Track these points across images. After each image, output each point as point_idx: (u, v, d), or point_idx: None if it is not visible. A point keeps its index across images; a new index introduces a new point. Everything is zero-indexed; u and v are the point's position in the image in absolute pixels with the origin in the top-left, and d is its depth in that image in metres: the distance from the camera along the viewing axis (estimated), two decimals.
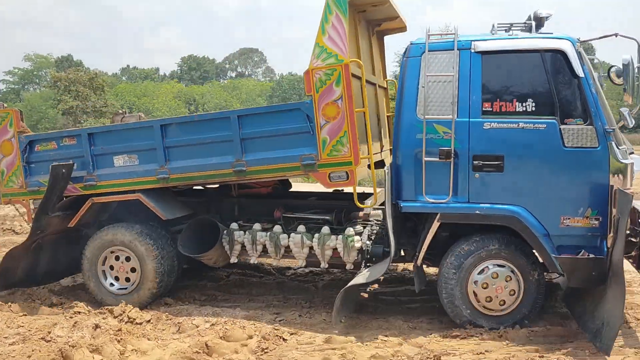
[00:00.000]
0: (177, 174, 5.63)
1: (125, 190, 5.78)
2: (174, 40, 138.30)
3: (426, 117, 4.91)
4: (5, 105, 6.35)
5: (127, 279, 5.89)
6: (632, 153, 5.03)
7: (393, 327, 5.16)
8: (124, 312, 5.37)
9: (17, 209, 6.57)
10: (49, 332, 4.94)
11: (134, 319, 5.27)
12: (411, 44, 5.15)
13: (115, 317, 5.30)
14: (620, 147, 4.78)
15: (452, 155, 4.86)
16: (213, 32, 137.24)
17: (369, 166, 5.33)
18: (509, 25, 5.25)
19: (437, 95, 4.94)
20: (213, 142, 5.53)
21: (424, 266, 5.49)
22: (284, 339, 4.89)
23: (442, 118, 4.90)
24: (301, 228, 5.68)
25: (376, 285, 6.59)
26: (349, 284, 5.11)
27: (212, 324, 5.14)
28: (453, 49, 4.88)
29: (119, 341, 4.74)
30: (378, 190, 5.40)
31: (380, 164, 6.05)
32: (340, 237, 5.48)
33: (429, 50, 4.92)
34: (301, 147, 5.27)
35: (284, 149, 5.33)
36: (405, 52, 5.21)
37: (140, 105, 47.02)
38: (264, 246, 5.75)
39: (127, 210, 6.06)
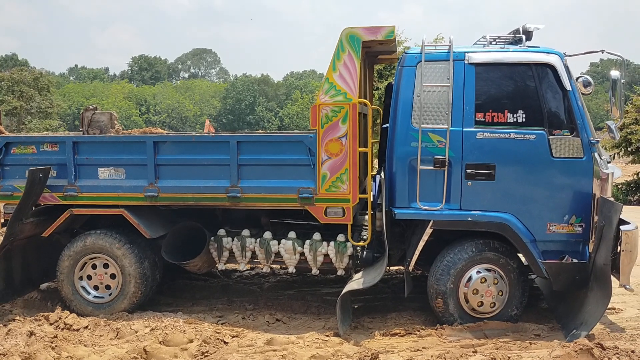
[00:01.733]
0: (167, 193, 5.47)
1: (109, 205, 5.59)
2: (125, 40, 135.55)
3: (422, 126, 5.01)
4: None
5: (108, 287, 5.71)
6: (610, 162, 5.29)
7: (335, 327, 5.20)
8: (60, 318, 5.23)
9: None
10: None
11: (71, 325, 5.14)
12: (406, 53, 5.26)
13: (51, 324, 5.16)
14: (602, 158, 5.02)
15: (446, 163, 4.98)
16: (165, 32, 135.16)
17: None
18: (497, 36, 5.41)
19: (432, 104, 5.06)
20: (209, 165, 5.44)
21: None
22: (225, 342, 4.87)
23: (437, 127, 5.02)
24: (292, 234, 5.65)
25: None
26: (344, 290, 5.12)
27: (152, 329, 5.06)
28: (448, 60, 5.02)
29: (53, 348, 4.62)
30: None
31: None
32: (332, 243, 5.50)
33: (425, 60, 5.03)
34: (300, 179, 5.29)
35: (282, 180, 5.33)
36: (400, 61, 5.29)
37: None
38: (253, 252, 5.70)
39: (103, 219, 5.86)
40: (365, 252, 5.59)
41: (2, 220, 5.86)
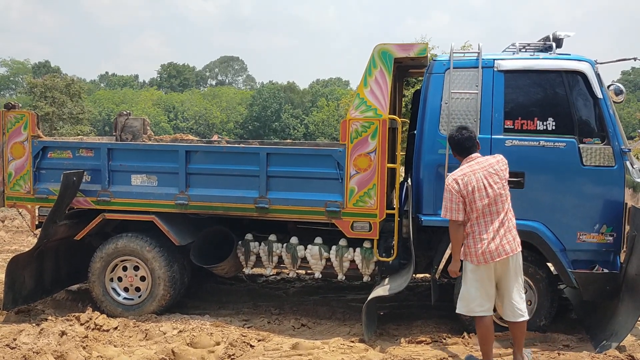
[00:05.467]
0: (197, 202, 5.54)
1: (140, 211, 5.69)
2: (154, 47, 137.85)
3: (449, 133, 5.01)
4: (20, 106, 6.11)
5: (137, 289, 5.81)
6: None
7: (360, 333, 5.20)
8: (90, 319, 5.34)
9: (20, 213, 6.39)
10: (14, 339, 4.88)
11: (101, 326, 5.24)
12: (434, 60, 5.27)
13: (82, 324, 5.27)
14: (634, 166, 4.96)
15: None
16: (193, 40, 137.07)
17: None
18: (526, 44, 5.39)
19: (460, 111, 5.05)
20: (239, 175, 5.49)
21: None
22: (251, 345, 4.92)
23: None
24: (318, 240, 5.67)
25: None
26: (370, 297, 5.11)
27: (180, 331, 5.14)
28: (477, 67, 5.02)
29: (84, 348, 4.72)
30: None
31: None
32: (358, 249, 5.51)
33: (453, 68, 5.04)
34: (327, 192, 5.31)
35: (310, 192, 5.35)
36: (428, 68, 5.31)
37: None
38: (280, 257, 5.74)
39: (134, 223, 5.94)
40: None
41: (37, 222, 6.01)
